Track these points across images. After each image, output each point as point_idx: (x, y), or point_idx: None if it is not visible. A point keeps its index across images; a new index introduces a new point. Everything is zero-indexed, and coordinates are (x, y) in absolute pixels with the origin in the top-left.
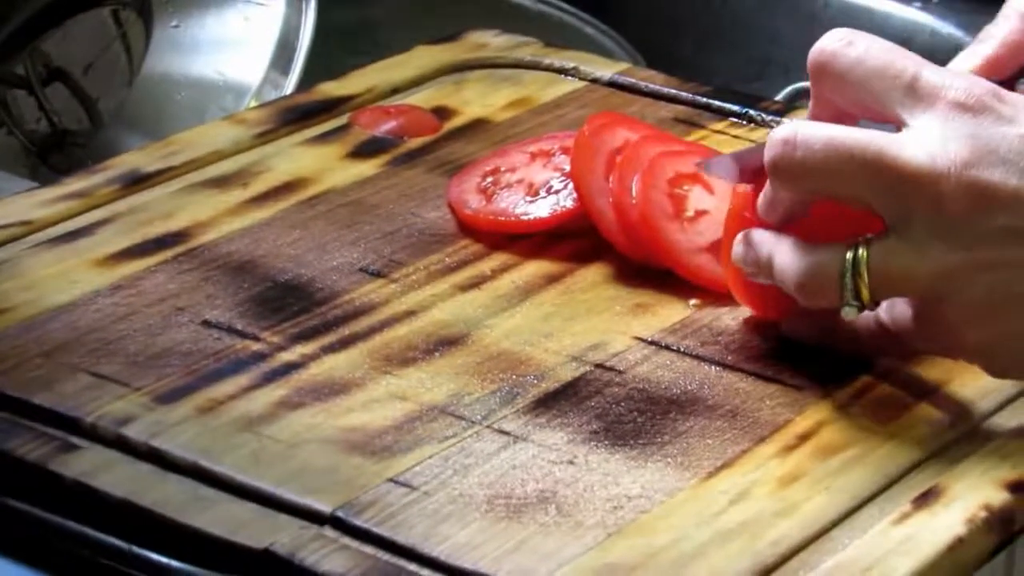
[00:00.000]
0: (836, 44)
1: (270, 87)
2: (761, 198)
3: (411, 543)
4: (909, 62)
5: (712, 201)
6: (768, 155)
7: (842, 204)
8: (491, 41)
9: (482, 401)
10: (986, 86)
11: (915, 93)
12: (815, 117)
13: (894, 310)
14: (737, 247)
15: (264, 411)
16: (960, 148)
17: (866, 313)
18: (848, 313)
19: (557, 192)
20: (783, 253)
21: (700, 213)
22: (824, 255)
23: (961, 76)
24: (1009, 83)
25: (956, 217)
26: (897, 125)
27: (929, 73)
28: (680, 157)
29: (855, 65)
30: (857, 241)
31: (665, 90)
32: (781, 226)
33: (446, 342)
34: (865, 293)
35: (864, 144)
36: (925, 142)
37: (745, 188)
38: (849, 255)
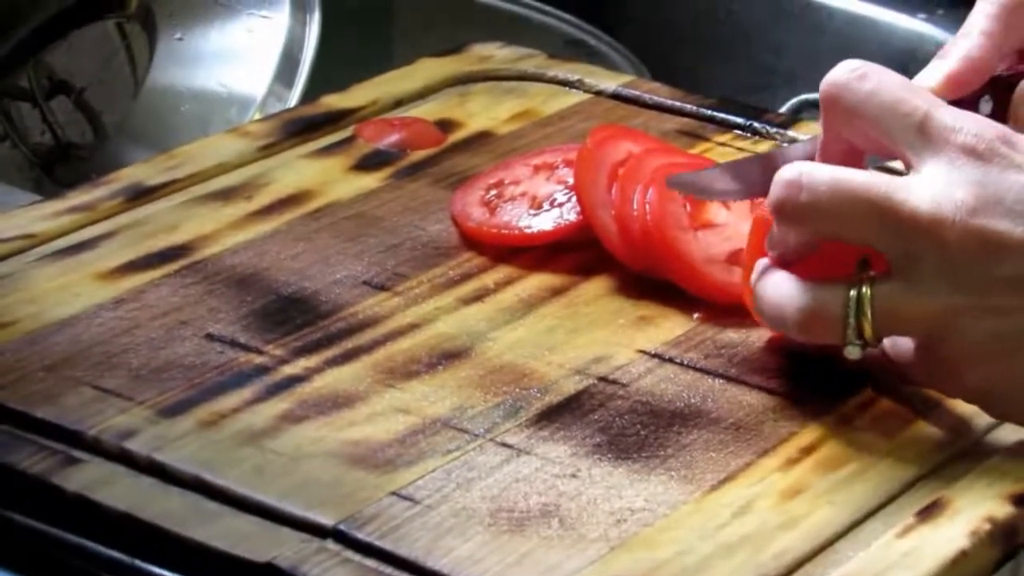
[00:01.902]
0: (847, 76)
1: (274, 99)
2: (770, 235)
3: (414, 557)
4: (920, 100)
5: (727, 214)
6: (773, 197)
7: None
8: (495, 53)
9: (485, 414)
10: (997, 130)
11: (925, 134)
12: (825, 147)
13: (896, 342)
14: (753, 275)
15: (267, 424)
16: (966, 195)
17: None
18: (851, 352)
19: (560, 205)
20: (782, 288)
21: (715, 225)
22: (826, 293)
23: (972, 118)
24: (971, 102)
25: (961, 263)
26: (905, 164)
27: (940, 114)
28: (695, 170)
29: (866, 100)
30: (861, 280)
31: (669, 102)
32: (788, 261)
33: (449, 355)
34: (868, 331)
35: (870, 188)
36: (931, 188)
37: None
38: (853, 293)
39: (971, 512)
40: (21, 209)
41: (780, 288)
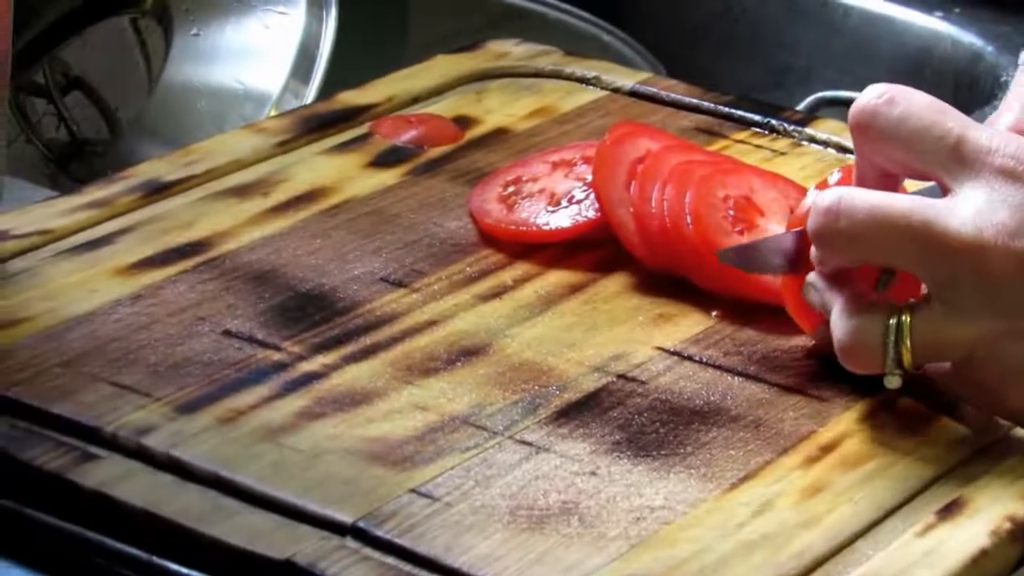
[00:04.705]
0: (876, 102)
1: (290, 96)
2: (813, 252)
3: (433, 554)
4: (953, 123)
5: (765, 220)
6: (812, 224)
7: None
8: (512, 50)
9: (504, 411)
10: None
11: (960, 157)
12: (860, 173)
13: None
14: (806, 288)
15: (285, 421)
16: (1006, 218)
17: None
18: (891, 382)
19: (579, 202)
20: (831, 311)
21: (758, 228)
22: (865, 323)
23: (1007, 138)
24: None
25: (1002, 287)
26: (941, 188)
27: (974, 136)
28: (731, 175)
29: (897, 125)
30: (900, 307)
31: (687, 99)
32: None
33: (468, 352)
34: (908, 359)
35: (909, 214)
36: (971, 211)
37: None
38: (892, 321)
39: (991, 511)
40: (37, 205)
41: (827, 305)
